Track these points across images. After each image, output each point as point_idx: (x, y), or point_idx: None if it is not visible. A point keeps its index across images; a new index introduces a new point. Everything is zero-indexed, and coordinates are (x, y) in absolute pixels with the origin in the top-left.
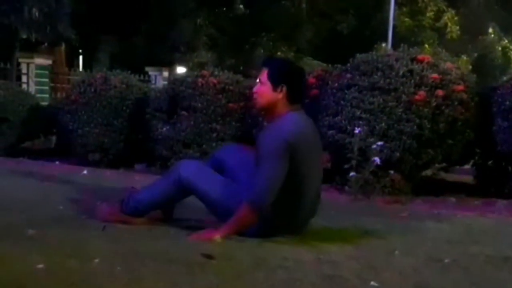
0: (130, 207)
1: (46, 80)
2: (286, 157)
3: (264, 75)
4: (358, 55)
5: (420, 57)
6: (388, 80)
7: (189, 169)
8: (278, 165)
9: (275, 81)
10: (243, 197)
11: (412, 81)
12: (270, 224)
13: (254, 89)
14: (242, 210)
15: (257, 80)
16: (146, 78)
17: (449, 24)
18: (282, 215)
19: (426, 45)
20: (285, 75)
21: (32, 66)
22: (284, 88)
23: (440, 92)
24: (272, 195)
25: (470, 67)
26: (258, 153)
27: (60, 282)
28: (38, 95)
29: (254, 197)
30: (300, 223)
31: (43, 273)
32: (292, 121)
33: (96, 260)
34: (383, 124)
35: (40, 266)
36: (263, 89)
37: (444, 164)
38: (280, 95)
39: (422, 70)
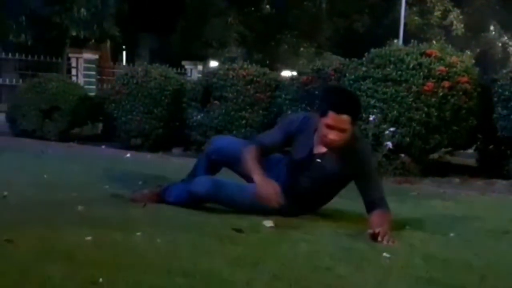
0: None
1: (93, 73)
2: None
3: (347, 124)
4: (372, 50)
5: (428, 51)
6: (399, 72)
7: (204, 187)
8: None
9: (355, 121)
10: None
11: (421, 73)
12: (301, 206)
13: (334, 137)
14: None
15: (338, 128)
16: (183, 71)
17: (455, 22)
18: (316, 202)
19: (434, 41)
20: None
21: (81, 61)
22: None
23: (446, 83)
24: None
25: (473, 61)
26: (362, 170)
27: (106, 252)
28: (86, 87)
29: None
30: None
31: (91, 244)
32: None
33: (138, 233)
34: (395, 112)
35: (89, 238)
36: (348, 135)
37: (449, 148)
38: (355, 127)
39: (430, 63)
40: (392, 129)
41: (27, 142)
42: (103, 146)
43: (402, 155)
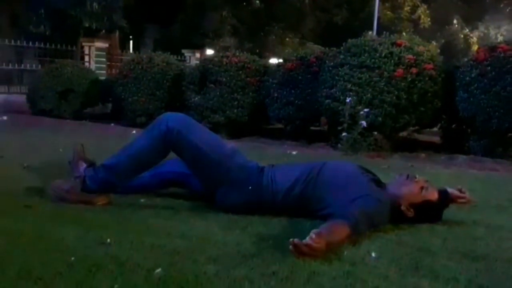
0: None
1: (104, 59)
2: None
3: None
4: (349, 40)
5: (398, 42)
6: (373, 60)
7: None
8: None
9: None
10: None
11: (392, 61)
12: None
13: None
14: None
15: None
16: (182, 58)
17: (422, 16)
18: None
19: (404, 33)
20: None
21: (92, 49)
22: None
23: (414, 70)
24: None
25: (438, 50)
26: None
27: (113, 216)
28: (97, 71)
29: None
30: None
31: (100, 209)
32: None
33: (142, 200)
34: (369, 95)
35: (99, 203)
36: None
37: (417, 127)
38: None
39: (400, 52)
40: (366, 110)
41: (45, 120)
42: (112, 124)
43: (375, 133)
